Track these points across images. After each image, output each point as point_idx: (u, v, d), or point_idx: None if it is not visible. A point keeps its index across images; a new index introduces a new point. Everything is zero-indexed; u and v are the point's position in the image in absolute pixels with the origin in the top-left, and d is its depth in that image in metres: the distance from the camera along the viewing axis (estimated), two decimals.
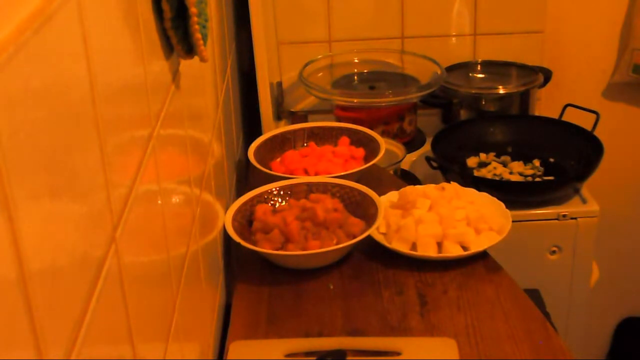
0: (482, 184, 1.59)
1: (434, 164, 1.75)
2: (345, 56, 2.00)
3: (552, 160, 1.82)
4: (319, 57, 1.97)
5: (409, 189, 1.29)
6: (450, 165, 1.75)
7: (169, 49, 0.85)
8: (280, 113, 1.90)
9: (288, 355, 1.01)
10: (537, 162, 1.83)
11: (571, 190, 1.74)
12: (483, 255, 1.22)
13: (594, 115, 1.83)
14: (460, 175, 1.73)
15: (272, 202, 1.29)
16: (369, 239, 1.21)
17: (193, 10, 0.81)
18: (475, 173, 1.80)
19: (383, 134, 1.73)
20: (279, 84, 1.91)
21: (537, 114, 2.00)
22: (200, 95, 1.11)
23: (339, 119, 1.82)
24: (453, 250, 1.20)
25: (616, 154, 1.98)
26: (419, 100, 1.86)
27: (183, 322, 0.84)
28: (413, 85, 1.89)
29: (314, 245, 1.16)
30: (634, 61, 2.04)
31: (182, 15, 0.83)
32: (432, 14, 1.98)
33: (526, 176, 1.79)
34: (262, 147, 1.48)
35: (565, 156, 1.81)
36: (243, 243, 1.18)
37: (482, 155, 1.87)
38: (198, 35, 0.83)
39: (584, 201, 1.73)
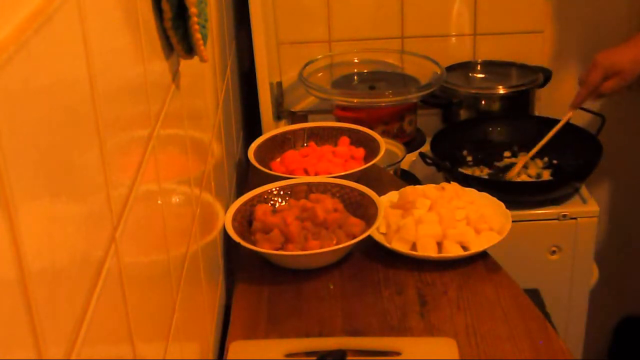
0: (482, 184, 1.59)
1: (429, 161, 1.75)
2: (345, 56, 2.00)
3: (555, 162, 1.82)
4: (319, 57, 1.97)
5: (409, 189, 1.29)
6: (443, 162, 1.75)
7: (169, 49, 0.85)
8: (280, 113, 1.90)
9: (288, 355, 1.01)
10: (540, 163, 1.82)
11: (571, 190, 1.74)
12: (483, 255, 1.22)
13: (592, 115, 1.83)
14: (451, 173, 1.72)
15: (272, 202, 1.29)
16: (369, 239, 1.21)
17: (193, 10, 0.81)
18: (475, 173, 1.80)
19: (383, 134, 1.73)
20: (279, 84, 1.91)
21: (537, 114, 2.00)
22: (200, 95, 1.11)
23: (339, 119, 1.82)
24: (453, 250, 1.20)
25: (616, 154, 1.97)
26: (419, 100, 1.86)
27: (183, 322, 0.84)
28: (413, 85, 1.89)
29: (313, 245, 1.16)
30: None
31: (182, 15, 0.83)
32: (432, 14, 1.98)
33: (530, 176, 1.79)
34: (262, 147, 1.47)
35: (565, 156, 1.81)
36: (243, 243, 1.18)
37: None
38: (198, 35, 0.83)
39: (584, 201, 1.73)
